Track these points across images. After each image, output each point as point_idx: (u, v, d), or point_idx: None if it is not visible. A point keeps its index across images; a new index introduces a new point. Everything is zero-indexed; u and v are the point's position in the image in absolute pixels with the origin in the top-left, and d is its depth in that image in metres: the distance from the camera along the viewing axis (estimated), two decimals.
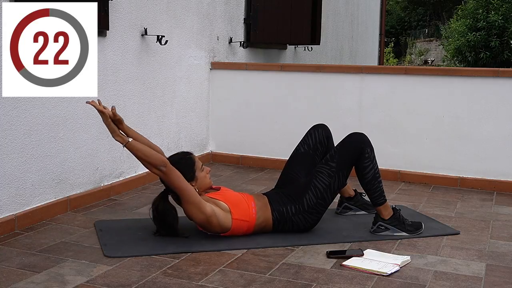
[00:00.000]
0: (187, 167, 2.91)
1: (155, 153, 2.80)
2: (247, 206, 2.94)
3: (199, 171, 2.94)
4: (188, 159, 2.96)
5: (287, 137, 4.52)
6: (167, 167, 2.76)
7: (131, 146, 2.76)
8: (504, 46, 13.73)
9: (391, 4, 29.21)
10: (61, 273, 2.47)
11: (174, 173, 2.78)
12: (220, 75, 5.00)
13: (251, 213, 2.93)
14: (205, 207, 2.81)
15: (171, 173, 2.78)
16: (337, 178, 3.00)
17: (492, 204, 3.86)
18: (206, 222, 2.84)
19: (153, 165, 2.77)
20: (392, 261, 2.65)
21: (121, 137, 2.77)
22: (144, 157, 2.77)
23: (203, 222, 2.85)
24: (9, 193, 3.03)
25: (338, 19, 8.66)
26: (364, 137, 3.09)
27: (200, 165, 2.98)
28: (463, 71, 4.50)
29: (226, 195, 2.97)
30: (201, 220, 2.84)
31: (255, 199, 3.00)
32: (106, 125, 2.78)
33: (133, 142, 2.76)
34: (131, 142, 2.76)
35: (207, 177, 2.98)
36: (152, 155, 2.76)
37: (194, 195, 2.81)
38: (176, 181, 2.79)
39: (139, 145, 2.78)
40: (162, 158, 2.79)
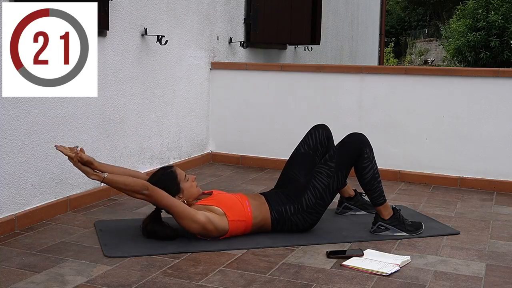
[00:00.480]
0: (169, 182, 2.88)
1: (134, 179, 2.79)
2: (242, 206, 2.94)
3: (183, 182, 2.91)
4: (168, 173, 2.92)
5: (287, 137, 4.52)
6: (149, 190, 2.76)
7: (108, 180, 2.76)
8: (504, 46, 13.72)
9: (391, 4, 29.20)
10: (61, 273, 2.47)
11: (158, 193, 2.78)
12: (220, 75, 5.00)
13: (246, 212, 2.93)
14: (198, 216, 2.80)
15: (155, 194, 2.77)
16: (336, 178, 3.00)
17: (492, 204, 3.86)
18: (203, 230, 2.84)
19: (135, 192, 2.77)
20: (392, 261, 2.65)
21: (96, 175, 2.76)
22: (124, 186, 2.77)
23: (200, 231, 2.84)
24: (9, 193, 3.03)
25: (338, 19, 8.66)
26: (363, 138, 3.09)
27: (184, 175, 2.94)
28: (463, 71, 4.50)
29: (218, 198, 2.95)
30: (197, 230, 2.83)
31: (249, 198, 3.00)
32: (77, 168, 2.77)
33: (109, 176, 2.76)
34: (107, 177, 2.75)
35: (193, 186, 2.95)
36: (131, 183, 2.76)
37: (184, 209, 2.79)
38: (161, 200, 2.78)
39: (116, 177, 2.77)
40: (141, 182, 2.78)
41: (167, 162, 4.45)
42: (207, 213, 2.84)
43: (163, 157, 4.40)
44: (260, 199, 3.04)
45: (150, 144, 4.23)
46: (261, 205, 3.00)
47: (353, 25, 9.59)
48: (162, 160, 4.39)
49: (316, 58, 7.56)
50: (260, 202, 3.01)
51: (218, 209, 2.88)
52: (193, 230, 2.83)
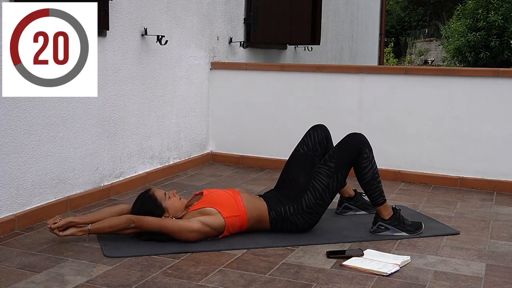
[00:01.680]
0: (151, 207, 2.88)
1: (117, 219, 2.81)
2: (234, 201, 2.94)
3: (165, 201, 2.91)
4: (147, 198, 2.91)
5: (287, 137, 4.52)
6: (135, 222, 2.78)
7: (94, 230, 2.79)
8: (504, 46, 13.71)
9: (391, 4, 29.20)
10: (61, 273, 2.47)
11: (144, 221, 2.80)
12: (220, 75, 4.99)
13: (240, 207, 2.93)
14: (191, 226, 2.81)
15: (141, 224, 2.79)
16: (335, 179, 3.00)
17: (492, 204, 3.86)
18: (201, 235, 2.84)
19: (122, 229, 2.80)
20: (392, 261, 2.65)
21: (81, 231, 2.78)
22: (111, 230, 2.80)
23: (199, 237, 2.84)
24: (9, 193, 3.03)
25: (338, 19, 8.66)
26: (363, 138, 3.09)
27: (163, 194, 2.93)
28: (463, 71, 4.50)
29: (209, 199, 2.95)
30: (195, 237, 2.83)
31: (241, 193, 3.01)
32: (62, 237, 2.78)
33: (93, 226, 2.79)
34: (91, 228, 2.78)
35: (176, 201, 2.94)
36: (116, 223, 2.79)
37: (175, 226, 2.81)
38: (150, 226, 2.80)
39: (100, 224, 2.80)
40: (126, 218, 2.80)
41: (167, 162, 4.45)
42: (200, 217, 2.85)
43: (163, 157, 4.40)
44: (254, 195, 3.05)
45: (150, 144, 4.23)
46: (255, 199, 3.01)
47: (353, 25, 9.59)
48: (162, 160, 4.39)
49: (316, 58, 7.56)
50: (254, 197, 3.03)
51: (211, 209, 2.89)
52: (193, 239, 2.83)
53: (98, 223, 2.81)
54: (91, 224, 2.79)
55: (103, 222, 2.81)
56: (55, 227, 2.75)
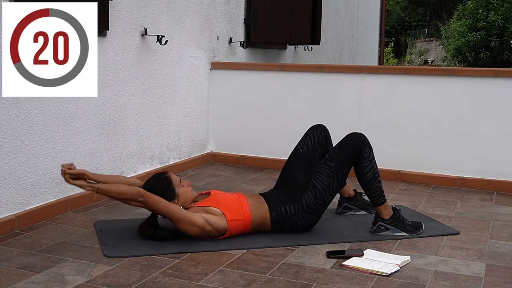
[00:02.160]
0: (164, 188, 2.88)
1: (129, 187, 2.80)
2: (240, 205, 2.94)
3: (178, 188, 2.91)
4: (163, 179, 2.92)
5: (287, 137, 4.52)
6: (144, 197, 2.77)
7: (103, 190, 2.76)
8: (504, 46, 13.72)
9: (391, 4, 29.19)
10: (61, 273, 2.47)
11: (153, 199, 2.78)
12: (220, 75, 5.00)
13: (245, 211, 2.93)
14: (196, 219, 2.81)
15: (150, 201, 2.78)
16: (336, 178, 3.00)
17: (492, 204, 3.86)
18: (202, 232, 2.84)
19: (130, 199, 2.78)
20: (392, 261, 2.65)
21: (90, 186, 2.76)
22: (119, 195, 2.78)
23: (199, 233, 2.84)
24: (9, 193, 3.03)
25: (338, 19, 8.66)
26: (363, 137, 3.09)
27: (178, 181, 2.94)
28: (463, 71, 4.50)
29: (216, 199, 2.96)
30: (196, 232, 2.83)
31: (247, 197, 3.01)
32: (71, 184, 2.77)
33: (103, 186, 2.76)
34: (101, 187, 2.75)
35: (188, 191, 2.95)
36: (126, 191, 2.77)
37: (180, 213, 2.80)
38: (157, 206, 2.79)
39: (110, 187, 2.78)
40: (137, 190, 2.79)
41: (167, 162, 4.45)
42: (205, 215, 2.85)
43: (163, 157, 4.40)
44: (258, 198, 3.04)
45: (150, 144, 4.23)
46: (260, 204, 3.00)
47: (353, 25, 9.59)
48: (162, 160, 4.39)
49: (316, 58, 7.56)
50: (259, 202, 3.01)
51: (216, 209, 2.88)
52: (193, 233, 2.83)
53: (108, 185, 2.78)
54: (102, 184, 2.77)
55: (113, 186, 2.79)
56: (68, 173, 2.73)
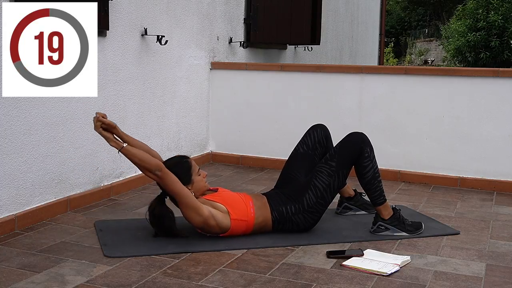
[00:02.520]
0: (183, 171, 2.91)
1: (151, 157, 2.80)
2: (245, 206, 2.94)
3: (195, 175, 2.95)
4: (184, 162, 2.95)
5: (287, 137, 4.52)
6: (162, 171, 2.76)
7: (126, 151, 2.76)
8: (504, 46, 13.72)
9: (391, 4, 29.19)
10: (61, 273, 2.47)
11: (169, 177, 2.79)
12: (220, 75, 5.00)
13: (249, 213, 2.93)
14: (203, 210, 2.82)
15: (166, 177, 2.78)
16: (336, 178, 3.00)
17: (492, 204, 3.86)
18: (204, 224, 2.84)
19: (148, 170, 2.77)
20: (392, 261, 2.65)
21: (116, 142, 2.77)
22: (140, 161, 2.77)
23: (201, 225, 2.85)
24: (9, 193, 3.03)
25: (338, 19, 8.66)
26: (364, 137, 3.09)
27: (197, 169, 2.98)
28: (463, 71, 4.50)
29: (223, 196, 2.97)
30: (199, 223, 2.84)
31: (253, 199, 3.01)
32: (99, 133, 2.78)
33: (128, 147, 2.76)
34: (126, 147, 2.76)
35: (203, 181, 2.98)
36: (147, 160, 2.77)
37: (191, 199, 2.81)
38: (172, 185, 2.79)
39: (134, 150, 2.78)
40: (157, 162, 2.79)
41: None
42: (212, 209, 2.86)
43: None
44: (262, 199, 3.04)
45: (150, 144, 4.18)
46: (263, 206, 3.00)
47: (353, 25, 9.59)
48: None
49: (316, 58, 7.56)
50: (262, 203, 3.01)
51: (222, 206, 2.89)
52: (195, 223, 2.83)
53: (133, 148, 2.78)
54: (127, 144, 2.78)
55: (137, 151, 2.79)
56: (101, 120, 2.74)
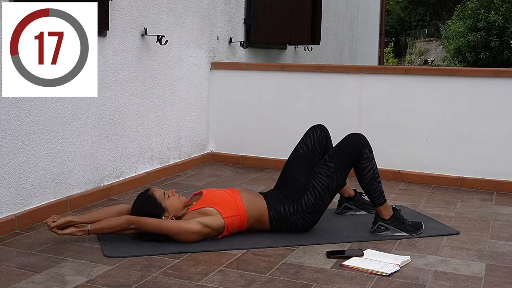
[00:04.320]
0: (151, 207, 2.87)
1: (116, 220, 2.80)
2: (233, 200, 2.94)
3: (165, 201, 2.90)
4: (147, 199, 2.90)
5: (287, 137, 4.52)
6: (135, 223, 2.78)
7: (93, 230, 2.78)
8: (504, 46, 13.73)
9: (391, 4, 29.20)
10: (61, 273, 2.47)
11: (143, 222, 2.79)
12: (220, 75, 4.99)
13: (239, 206, 2.93)
14: (191, 227, 2.81)
15: (141, 225, 2.79)
16: (335, 179, 3.00)
17: (492, 204, 3.86)
18: (201, 236, 2.84)
19: (122, 230, 2.80)
20: (392, 261, 2.65)
21: (80, 231, 2.77)
22: (110, 230, 2.80)
23: (199, 238, 2.84)
24: (9, 193, 3.03)
25: (338, 19, 8.66)
26: (363, 138, 3.08)
27: (163, 193, 2.92)
28: (463, 71, 4.50)
29: (209, 198, 2.95)
30: (195, 239, 2.83)
31: (240, 192, 3.01)
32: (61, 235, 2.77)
33: (93, 227, 2.77)
34: (91, 229, 2.77)
35: (175, 200, 2.93)
36: (115, 225, 2.78)
37: (175, 227, 2.80)
38: (151, 227, 2.80)
39: (99, 225, 2.79)
40: (125, 219, 2.79)
41: (167, 162, 4.45)
42: (200, 218, 2.84)
43: (163, 157, 4.40)
44: (254, 194, 3.05)
45: (150, 144, 4.23)
46: (255, 198, 3.00)
47: (353, 25, 9.59)
48: (162, 160, 4.39)
49: (316, 58, 7.56)
50: (254, 196, 3.02)
51: (211, 209, 2.88)
52: (193, 241, 2.82)
53: (97, 224, 2.80)
54: (90, 224, 2.79)
55: (102, 223, 2.80)
56: (54, 226, 2.75)
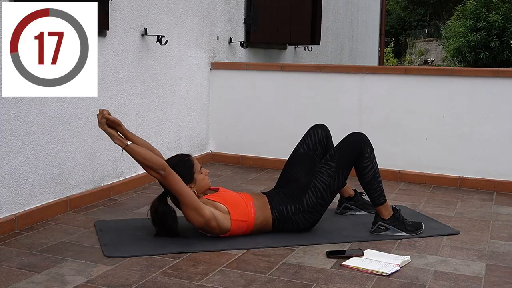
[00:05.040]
0: (185, 169, 2.90)
1: (155, 156, 2.79)
2: (246, 206, 2.94)
3: (197, 173, 2.94)
4: (186, 161, 2.95)
5: (287, 137, 4.52)
6: (165, 171, 2.76)
7: (130, 149, 2.75)
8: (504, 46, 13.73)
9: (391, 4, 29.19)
10: (61, 273, 2.47)
11: (172, 176, 2.78)
12: (220, 75, 4.99)
13: (249, 213, 2.93)
14: (204, 210, 2.81)
15: (169, 177, 2.77)
16: (336, 178, 3.00)
17: (492, 204, 3.86)
18: (206, 225, 2.84)
19: (152, 169, 2.77)
20: (392, 261, 2.65)
21: (120, 140, 2.76)
22: (143, 160, 2.76)
23: (202, 225, 2.84)
24: (9, 193, 3.03)
25: (338, 19, 8.66)
26: (364, 137, 3.09)
27: (199, 167, 2.97)
28: (463, 71, 4.50)
29: (224, 196, 2.96)
30: (200, 224, 2.83)
31: (254, 199, 3.00)
32: (103, 130, 2.77)
33: (132, 145, 2.76)
34: (130, 145, 2.75)
35: (205, 179, 2.98)
36: (150, 159, 2.76)
37: (193, 199, 2.80)
38: (175, 184, 2.79)
39: (138, 148, 2.77)
40: (161, 161, 2.78)
41: None
42: (213, 209, 2.85)
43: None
44: (262, 199, 3.04)
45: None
46: (264, 205, 3.00)
47: (353, 25, 9.60)
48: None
49: (316, 58, 7.56)
50: (263, 202, 3.01)
51: (223, 206, 2.89)
52: (196, 223, 2.83)
53: (137, 146, 2.78)
54: (131, 142, 2.77)
55: (142, 149, 2.78)
56: (107, 117, 2.73)
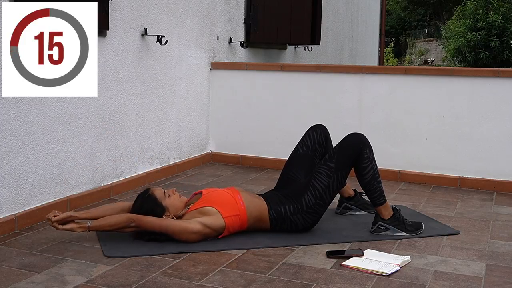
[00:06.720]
0: (152, 205, 2.87)
1: (117, 217, 2.79)
2: (233, 200, 2.94)
3: (165, 200, 2.90)
4: (147, 198, 2.90)
5: (287, 137, 4.52)
6: (135, 221, 2.77)
7: (93, 227, 2.78)
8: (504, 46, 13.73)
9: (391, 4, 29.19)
10: (61, 273, 2.47)
11: (144, 220, 2.79)
12: (220, 75, 4.99)
13: (239, 206, 2.93)
14: (192, 227, 2.80)
15: (142, 223, 2.78)
16: (336, 179, 3.00)
17: (492, 204, 3.86)
18: (201, 236, 2.84)
19: (123, 228, 2.79)
20: (392, 261, 2.65)
21: (81, 227, 2.77)
22: (111, 228, 2.79)
23: (199, 239, 2.84)
24: (9, 193, 3.03)
25: (338, 19, 8.66)
26: (363, 138, 3.09)
27: (163, 193, 2.92)
28: (463, 71, 4.50)
29: (209, 198, 2.95)
30: (196, 239, 2.82)
31: (241, 192, 3.01)
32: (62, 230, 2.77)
33: (93, 224, 2.77)
34: (91, 225, 2.77)
35: (176, 199, 2.94)
36: (116, 222, 2.77)
37: (175, 226, 2.80)
38: (151, 226, 2.79)
39: (100, 222, 2.78)
40: (126, 217, 2.79)
41: (167, 162, 4.45)
42: (200, 218, 2.84)
43: (163, 157, 4.40)
44: (254, 194, 3.05)
45: (150, 144, 4.23)
46: (254, 198, 3.01)
47: (353, 25, 9.59)
48: (162, 160, 4.39)
49: (316, 58, 7.56)
50: (253, 196, 3.02)
51: (211, 209, 2.88)
52: (193, 240, 2.82)
53: (98, 221, 2.79)
54: (91, 221, 2.78)
55: (103, 220, 2.79)
56: (55, 220, 2.74)
